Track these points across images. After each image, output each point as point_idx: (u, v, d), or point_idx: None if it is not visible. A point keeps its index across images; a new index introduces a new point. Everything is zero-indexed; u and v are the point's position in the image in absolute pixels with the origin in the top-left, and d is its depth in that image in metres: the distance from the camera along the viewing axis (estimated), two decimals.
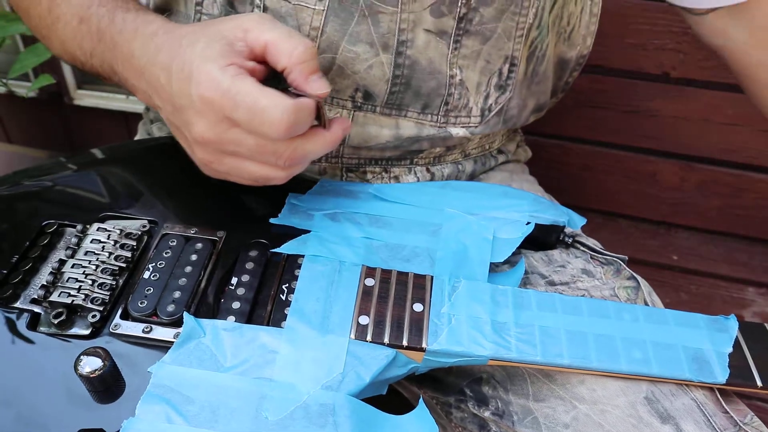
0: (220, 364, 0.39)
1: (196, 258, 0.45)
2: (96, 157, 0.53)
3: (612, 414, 0.43)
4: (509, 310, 0.44)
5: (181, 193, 0.50)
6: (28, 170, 0.51)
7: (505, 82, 0.53)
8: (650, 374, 0.42)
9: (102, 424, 0.37)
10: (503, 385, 0.48)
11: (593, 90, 0.92)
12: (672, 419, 0.42)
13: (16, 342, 0.40)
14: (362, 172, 0.57)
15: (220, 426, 0.37)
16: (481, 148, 0.61)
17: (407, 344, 0.41)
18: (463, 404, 0.50)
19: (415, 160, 0.57)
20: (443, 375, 0.52)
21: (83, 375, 0.37)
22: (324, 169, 0.56)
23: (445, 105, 0.52)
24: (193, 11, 0.51)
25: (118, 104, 0.97)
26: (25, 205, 0.48)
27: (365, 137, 0.53)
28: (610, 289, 0.51)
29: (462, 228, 0.50)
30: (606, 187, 1.01)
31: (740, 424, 0.42)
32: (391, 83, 0.50)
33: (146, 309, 0.41)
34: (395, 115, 0.52)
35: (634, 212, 1.04)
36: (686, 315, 0.46)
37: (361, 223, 0.49)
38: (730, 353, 0.43)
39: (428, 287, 0.45)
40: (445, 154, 0.58)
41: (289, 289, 0.44)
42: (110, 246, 0.45)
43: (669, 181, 0.98)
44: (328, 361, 0.40)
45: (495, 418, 0.47)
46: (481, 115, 0.54)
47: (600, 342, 0.43)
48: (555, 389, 0.45)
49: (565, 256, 0.54)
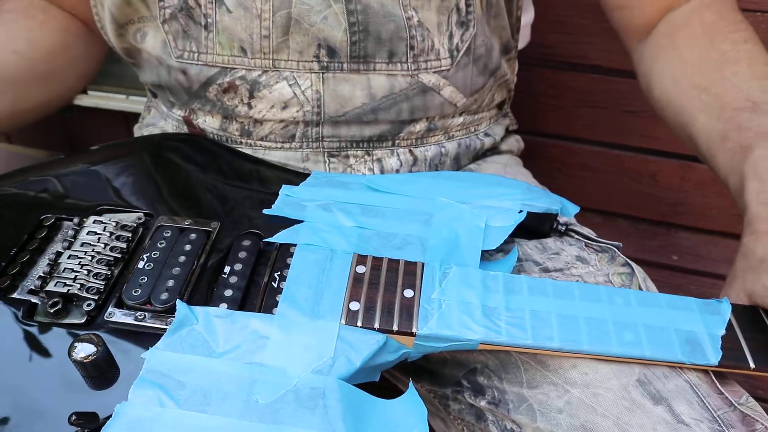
0: (212, 350, 0.40)
1: (190, 248, 0.45)
2: (93, 154, 0.54)
3: (605, 397, 0.43)
4: (500, 295, 0.44)
5: (176, 186, 0.51)
6: (27, 168, 0.52)
7: (465, 17, 0.53)
8: (642, 356, 0.42)
9: (96, 409, 0.37)
10: (497, 374, 0.48)
11: (593, 90, 0.92)
12: (665, 400, 0.42)
13: (13, 331, 0.41)
14: (345, 156, 0.57)
15: (212, 409, 0.37)
16: (465, 130, 0.61)
17: (397, 329, 0.42)
18: (459, 395, 0.50)
19: (397, 141, 0.57)
20: (439, 368, 0.53)
21: (77, 360, 0.37)
22: (307, 155, 0.57)
23: (411, 50, 0.53)
24: (158, 8, 0.52)
25: (118, 104, 0.98)
26: (24, 200, 0.50)
27: (340, 101, 0.54)
28: (605, 275, 0.51)
29: (454, 216, 0.50)
30: (606, 187, 1.01)
31: (735, 405, 0.42)
32: (350, 32, 0.51)
33: (140, 297, 0.42)
34: (364, 70, 0.53)
35: (634, 212, 1.03)
36: (679, 298, 0.46)
37: (354, 213, 0.50)
38: (722, 335, 0.43)
39: (419, 274, 0.45)
40: (428, 135, 0.58)
41: (281, 277, 0.45)
42: (106, 237, 0.45)
43: (669, 181, 0.98)
44: (318, 346, 0.40)
45: (491, 407, 0.48)
46: (450, 57, 0.54)
47: (591, 325, 0.43)
48: (548, 375, 0.45)
49: (559, 244, 0.54)
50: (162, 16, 0.52)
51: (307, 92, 0.54)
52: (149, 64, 0.58)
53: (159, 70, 0.57)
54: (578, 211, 0.54)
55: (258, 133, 0.57)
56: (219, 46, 0.53)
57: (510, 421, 0.46)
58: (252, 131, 0.57)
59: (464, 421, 0.50)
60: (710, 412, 0.41)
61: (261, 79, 0.53)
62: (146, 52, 0.56)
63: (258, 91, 0.54)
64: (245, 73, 0.53)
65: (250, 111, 0.55)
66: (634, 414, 0.41)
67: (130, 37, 0.57)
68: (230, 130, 0.58)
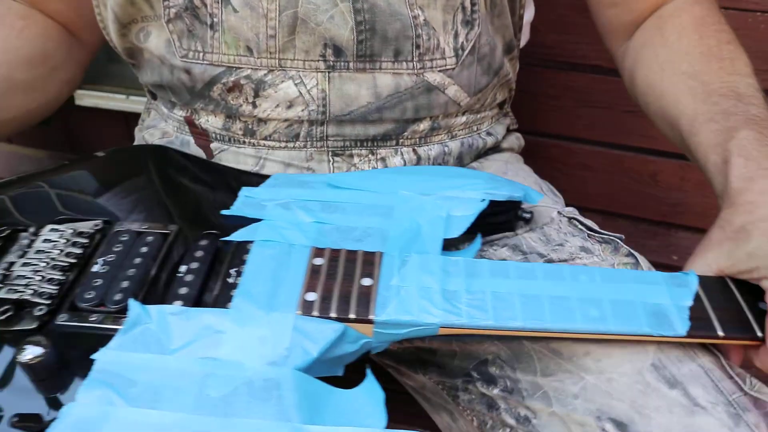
0: (165, 347, 0.39)
1: (146, 250, 0.45)
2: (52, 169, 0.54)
3: (619, 381, 0.42)
4: (461, 279, 0.43)
5: (136, 193, 0.51)
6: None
7: (470, 17, 0.54)
8: (607, 331, 0.41)
9: (45, 413, 0.36)
10: (510, 365, 0.47)
11: (593, 90, 0.92)
12: (680, 384, 0.41)
13: None
14: (349, 155, 0.57)
15: (162, 405, 0.36)
16: (468, 129, 0.61)
17: (355, 316, 0.41)
18: (470, 385, 0.50)
19: (401, 140, 0.57)
20: (448, 360, 0.52)
21: (23, 363, 0.37)
22: (311, 155, 0.57)
23: (417, 49, 0.53)
24: (162, 8, 0.53)
25: (118, 104, 0.98)
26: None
27: (345, 100, 0.54)
28: (610, 266, 0.51)
29: (415, 208, 0.50)
30: (606, 187, 1.01)
31: (744, 389, 0.42)
32: (356, 31, 0.51)
33: (93, 300, 0.41)
34: (370, 69, 0.53)
35: (634, 212, 1.03)
36: (645, 273, 0.45)
37: (314, 209, 0.49)
38: (690, 306, 0.42)
39: (377, 262, 0.44)
40: (431, 134, 0.58)
41: (238, 273, 0.44)
42: (62, 244, 0.45)
43: (669, 181, 0.97)
44: (273, 337, 0.40)
45: (504, 394, 0.47)
46: (455, 56, 0.54)
47: (555, 303, 0.42)
48: (562, 363, 0.45)
49: (562, 235, 0.54)
50: (166, 15, 0.53)
51: (313, 91, 0.54)
52: (150, 64, 0.57)
53: (161, 70, 0.56)
54: (542, 198, 0.53)
55: (262, 132, 0.57)
56: (225, 46, 0.53)
57: (524, 407, 0.45)
58: (256, 130, 0.57)
59: (474, 411, 0.49)
60: (724, 396, 0.41)
61: (266, 78, 0.53)
62: (148, 52, 0.56)
63: (263, 90, 0.54)
64: (251, 73, 0.53)
65: (254, 110, 0.55)
66: (649, 397, 0.41)
67: (133, 36, 0.57)
68: (233, 130, 0.57)
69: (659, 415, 0.40)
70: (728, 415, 0.40)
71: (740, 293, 0.43)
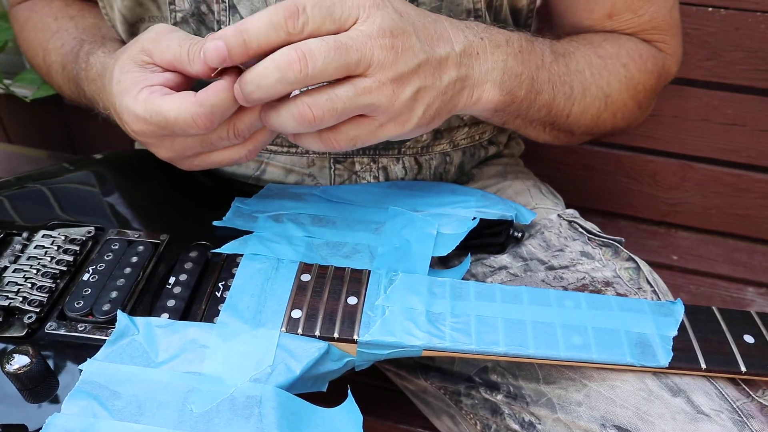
0: (151, 360, 0.40)
1: (136, 260, 0.45)
2: (46, 172, 0.54)
3: (622, 388, 0.43)
4: (446, 301, 0.44)
5: (128, 200, 0.52)
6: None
7: None
8: (590, 360, 0.41)
9: (31, 422, 0.37)
10: (511, 372, 0.48)
11: None
12: (683, 392, 0.42)
13: None
14: (350, 163, 0.57)
15: (145, 419, 0.37)
16: (470, 139, 0.61)
17: (338, 336, 0.41)
18: (473, 390, 0.50)
19: (403, 149, 0.57)
20: (448, 366, 0.53)
21: (10, 372, 0.37)
22: (312, 161, 0.57)
23: None
24: (168, 11, 0.53)
25: None
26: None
27: None
28: (612, 270, 0.51)
29: (405, 224, 0.50)
30: (606, 187, 1.01)
31: (753, 396, 0.42)
32: None
33: (82, 309, 0.42)
34: None
35: (634, 212, 1.03)
36: (632, 300, 0.45)
37: (304, 223, 0.50)
38: (674, 337, 0.42)
39: (365, 281, 0.45)
40: (433, 144, 0.58)
41: (225, 287, 0.44)
42: (53, 251, 0.46)
43: (669, 181, 0.97)
44: (257, 354, 0.40)
45: (508, 400, 0.48)
46: None
47: (538, 329, 0.42)
48: (564, 371, 0.45)
49: (563, 240, 0.54)
50: (173, 19, 0.52)
51: None
52: None
53: None
54: (534, 217, 0.53)
55: None
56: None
57: (528, 413, 0.46)
58: None
59: (478, 416, 0.50)
60: (729, 402, 0.41)
61: None
62: None
63: None
64: None
65: None
66: (652, 404, 0.42)
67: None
68: None
69: (663, 422, 0.41)
70: (732, 422, 0.40)
71: (726, 324, 0.43)
